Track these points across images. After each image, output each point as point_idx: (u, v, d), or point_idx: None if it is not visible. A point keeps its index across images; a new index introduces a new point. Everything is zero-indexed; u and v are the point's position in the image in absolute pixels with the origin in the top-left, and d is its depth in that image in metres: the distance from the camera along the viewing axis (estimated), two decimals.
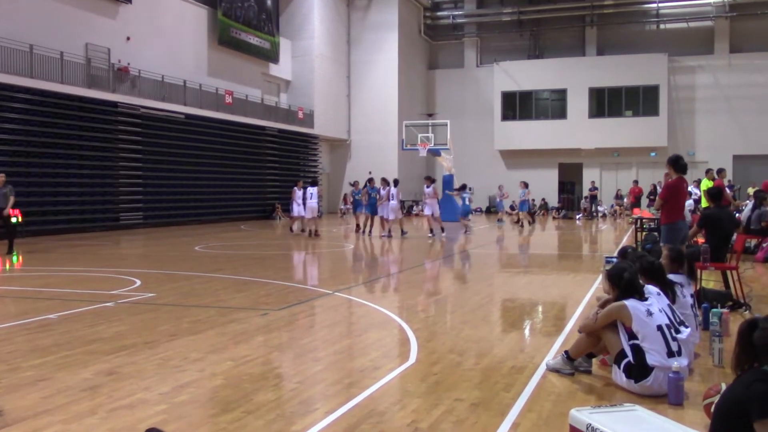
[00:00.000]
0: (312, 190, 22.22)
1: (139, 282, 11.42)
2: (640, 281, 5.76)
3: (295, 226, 23.96)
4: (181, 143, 28.05)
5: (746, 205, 16.97)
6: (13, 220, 16.95)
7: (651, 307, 5.35)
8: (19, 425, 4.47)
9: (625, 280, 5.48)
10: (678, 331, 5.53)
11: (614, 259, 10.59)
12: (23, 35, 21.54)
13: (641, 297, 5.45)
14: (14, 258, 15.59)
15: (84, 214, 24.10)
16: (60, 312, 8.65)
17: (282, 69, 37.97)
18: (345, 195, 35.65)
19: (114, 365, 5.99)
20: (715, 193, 9.93)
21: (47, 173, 22.55)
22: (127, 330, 7.60)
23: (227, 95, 31.33)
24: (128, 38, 26.50)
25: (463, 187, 26.13)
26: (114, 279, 11.99)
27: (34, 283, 11.91)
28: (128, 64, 25.74)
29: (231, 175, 31.31)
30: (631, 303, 5.35)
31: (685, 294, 6.50)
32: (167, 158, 27.26)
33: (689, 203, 15.85)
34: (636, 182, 34.62)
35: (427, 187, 22.12)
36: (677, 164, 9.08)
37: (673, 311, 5.78)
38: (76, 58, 23.46)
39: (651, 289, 5.82)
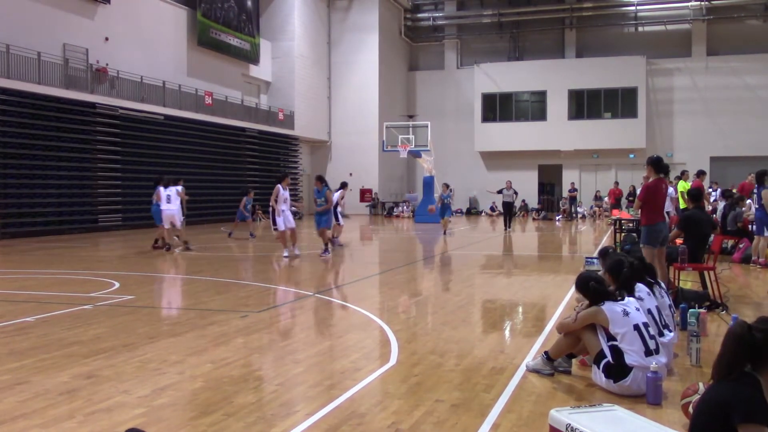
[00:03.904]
0: (171, 191, 17.66)
1: (117, 284, 11.33)
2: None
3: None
4: (160, 144, 27.86)
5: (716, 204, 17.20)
6: None
7: (627, 307, 5.39)
8: None
9: (624, 273, 5.74)
10: (662, 334, 5.62)
11: (595, 260, 10.65)
12: (0, 35, 21.30)
13: (631, 291, 5.59)
14: None
15: (62, 216, 23.87)
16: (37, 315, 8.56)
17: (262, 70, 37.86)
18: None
19: (92, 368, 5.94)
20: (695, 194, 10.02)
21: (24, 175, 22.30)
22: (106, 333, 7.53)
23: (207, 96, 31.17)
24: (106, 39, 26.30)
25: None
26: (92, 281, 11.88)
27: (11, 285, 11.78)
28: (106, 64, 25.53)
29: (211, 176, 31.14)
30: (607, 306, 5.40)
31: (663, 294, 6.56)
32: (146, 159, 27.05)
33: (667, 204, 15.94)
34: (617, 184, 34.91)
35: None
36: (658, 165, 9.13)
37: (660, 313, 5.85)
38: (53, 59, 23.23)
39: (642, 287, 5.90)
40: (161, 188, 17.58)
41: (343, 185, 19.69)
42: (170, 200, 17.43)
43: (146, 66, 27.84)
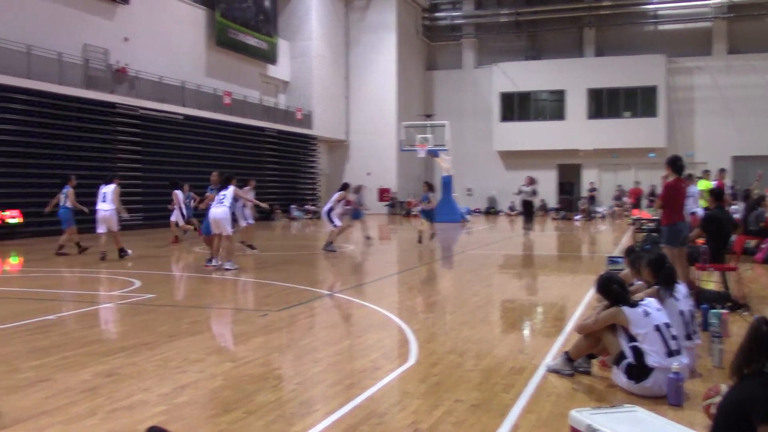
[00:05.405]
0: (107, 189, 15.78)
1: (138, 283, 11.41)
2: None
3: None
4: (179, 144, 28.02)
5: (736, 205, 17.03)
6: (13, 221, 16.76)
7: (647, 307, 5.36)
8: (19, 426, 4.46)
9: (666, 268, 5.89)
10: (689, 338, 5.59)
11: (619, 259, 10.58)
12: (21, 36, 21.52)
13: (672, 287, 5.83)
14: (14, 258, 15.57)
15: (82, 215, 24.02)
16: (59, 313, 8.64)
17: (280, 70, 37.98)
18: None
19: (113, 366, 5.98)
20: (717, 194, 9.94)
21: (45, 174, 22.50)
22: (127, 331, 7.59)
23: (226, 96, 31.32)
24: (126, 39, 26.49)
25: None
26: (113, 280, 11.98)
27: (33, 284, 11.90)
28: (126, 65, 25.72)
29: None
30: (627, 307, 5.37)
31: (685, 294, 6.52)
32: (166, 159, 27.22)
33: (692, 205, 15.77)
34: (637, 183, 34.69)
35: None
36: (675, 165, 9.08)
37: (692, 318, 5.82)
38: (74, 59, 23.43)
39: (681, 288, 5.88)
40: (103, 186, 15.75)
41: (344, 187, 18.03)
42: (105, 199, 15.42)
43: (165, 66, 28.01)
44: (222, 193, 13.46)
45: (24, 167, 21.71)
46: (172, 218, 20.26)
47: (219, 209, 13.24)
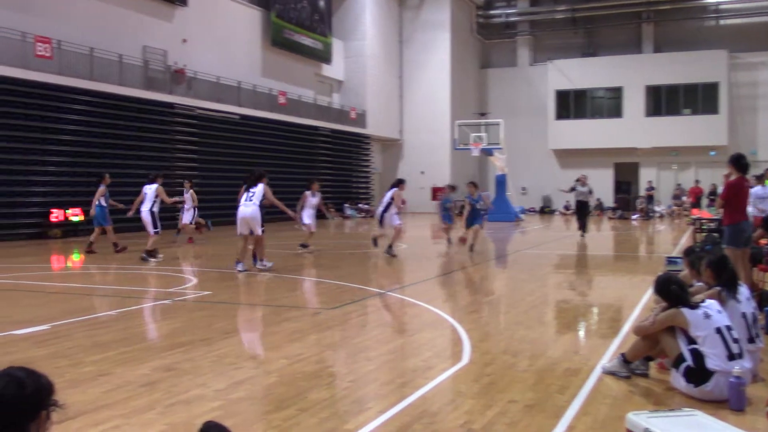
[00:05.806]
0: (149, 190, 15.97)
1: (195, 280, 11.60)
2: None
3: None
4: (235, 143, 28.44)
5: None
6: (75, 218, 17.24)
7: (708, 309, 5.22)
8: (80, 419, 4.58)
9: (728, 269, 5.74)
10: (752, 340, 5.43)
11: (678, 260, 10.37)
12: (83, 38, 22.13)
13: (735, 289, 5.67)
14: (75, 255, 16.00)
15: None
16: (119, 309, 8.85)
17: (334, 69, 38.21)
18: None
19: (171, 362, 6.10)
20: None
21: (108, 173, 23.05)
22: (184, 327, 7.72)
23: (281, 96, 31.66)
24: (184, 40, 27.00)
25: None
26: (171, 277, 12.21)
27: (94, 280, 12.21)
28: (184, 66, 26.21)
29: (285, 174, 31.55)
30: (686, 309, 5.24)
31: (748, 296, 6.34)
32: (222, 158, 27.65)
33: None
34: (697, 182, 33.88)
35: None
36: (738, 163, 8.85)
37: (755, 320, 5.65)
38: (134, 61, 23.99)
39: (743, 290, 5.73)
40: (146, 184, 15.94)
41: (397, 183, 16.43)
42: (145, 200, 15.73)
43: (222, 67, 28.46)
44: (251, 191, 12.74)
45: (86, 166, 22.29)
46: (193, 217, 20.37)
47: (248, 208, 12.57)
